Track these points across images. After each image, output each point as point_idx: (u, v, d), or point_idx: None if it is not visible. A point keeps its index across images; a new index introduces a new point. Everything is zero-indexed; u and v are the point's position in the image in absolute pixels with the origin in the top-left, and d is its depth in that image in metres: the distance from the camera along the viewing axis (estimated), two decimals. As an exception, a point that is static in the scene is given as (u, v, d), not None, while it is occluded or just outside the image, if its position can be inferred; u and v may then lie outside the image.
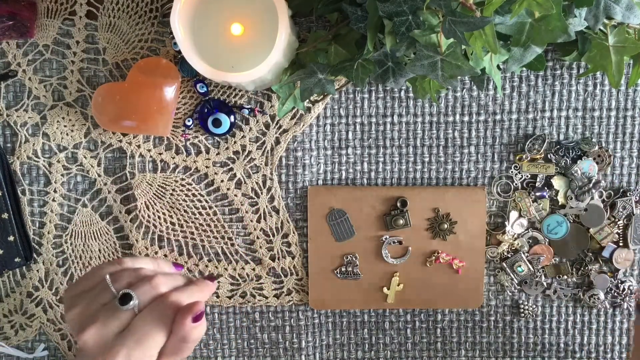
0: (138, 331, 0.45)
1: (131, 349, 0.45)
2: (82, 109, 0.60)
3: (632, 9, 0.44)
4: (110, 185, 0.61)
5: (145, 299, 0.46)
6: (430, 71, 0.43)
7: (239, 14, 0.52)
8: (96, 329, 0.45)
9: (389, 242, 0.60)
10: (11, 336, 0.62)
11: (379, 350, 0.62)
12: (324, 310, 0.62)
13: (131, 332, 0.45)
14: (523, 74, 0.58)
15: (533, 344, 0.62)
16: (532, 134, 0.59)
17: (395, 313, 0.62)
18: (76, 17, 0.59)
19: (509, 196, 0.60)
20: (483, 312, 0.62)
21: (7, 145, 0.60)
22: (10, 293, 0.62)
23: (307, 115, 0.59)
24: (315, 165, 0.60)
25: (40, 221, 0.61)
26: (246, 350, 0.63)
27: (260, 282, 0.62)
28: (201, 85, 0.58)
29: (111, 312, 0.46)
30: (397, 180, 0.60)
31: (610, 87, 0.58)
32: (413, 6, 0.42)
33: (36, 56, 0.59)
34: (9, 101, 0.60)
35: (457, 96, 0.59)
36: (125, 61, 0.59)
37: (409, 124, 0.59)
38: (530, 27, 0.43)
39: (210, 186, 0.61)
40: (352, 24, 0.47)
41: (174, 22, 0.49)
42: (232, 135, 0.60)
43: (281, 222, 0.61)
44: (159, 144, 0.60)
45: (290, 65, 0.53)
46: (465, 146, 0.59)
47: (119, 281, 0.47)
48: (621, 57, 0.48)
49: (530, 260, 0.60)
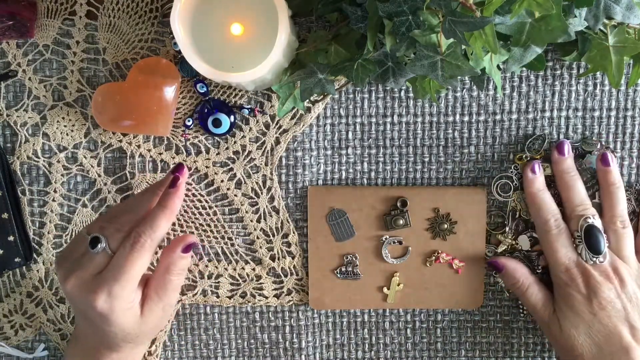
0: (113, 268, 0.50)
1: (110, 286, 0.49)
2: (82, 109, 0.60)
3: (632, 9, 0.44)
4: (110, 185, 0.61)
5: (116, 239, 0.51)
6: (430, 71, 0.43)
7: (239, 14, 0.52)
8: (75, 275, 0.50)
9: (389, 242, 0.60)
10: (11, 336, 0.62)
11: (379, 350, 0.62)
12: (324, 310, 0.62)
13: (108, 270, 0.50)
14: (523, 74, 0.58)
15: (533, 344, 0.62)
16: (532, 134, 0.59)
17: (395, 313, 0.62)
18: (76, 17, 0.59)
19: (509, 196, 0.60)
20: (483, 312, 0.62)
21: (7, 145, 0.60)
22: (10, 293, 0.62)
23: (307, 115, 0.59)
24: (315, 165, 0.60)
25: (40, 221, 0.61)
26: (246, 350, 0.63)
27: (260, 282, 0.62)
28: (201, 85, 0.58)
29: (87, 257, 0.50)
30: (397, 180, 0.60)
31: (610, 87, 0.58)
32: (413, 6, 0.42)
33: (36, 56, 0.59)
34: (9, 101, 0.60)
35: (457, 96, 0.59)
36: (125, 61, 0.59)
37: (409, 124, 0.59)
38: (530, 27, 0.43)
39: (210, 186, 0.61)
40: (352, 24, 0.47)
41: (174, 22, 0.49)
42: (232, 135, 0.60)
43: (281, 222, 0.61)
44: (159, 144, 0.60)
45: (290, 65, 0.53)
46: (465, 146, 0.59)
47: (92, 230, 0.51)
48: (621, 57, 0.48)
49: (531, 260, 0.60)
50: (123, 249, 0.50)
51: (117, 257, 0.50)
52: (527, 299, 0.57)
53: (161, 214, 0.51)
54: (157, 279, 0.53)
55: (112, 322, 0.50)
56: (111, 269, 0.50)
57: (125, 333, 0.52)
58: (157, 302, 0.52)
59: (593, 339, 0.53)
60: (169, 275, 0.53)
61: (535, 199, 0.57)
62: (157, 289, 0.53)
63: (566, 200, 0.57)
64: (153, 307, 0.52)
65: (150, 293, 0.52)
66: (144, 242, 0.50)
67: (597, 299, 0.53)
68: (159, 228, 0.51)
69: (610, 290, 0.53)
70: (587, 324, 0.53)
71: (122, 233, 0.51)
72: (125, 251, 0.50)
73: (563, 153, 0.57)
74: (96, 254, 0.50)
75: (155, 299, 0.52)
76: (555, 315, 0.55)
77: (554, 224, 0.56)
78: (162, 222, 0.51)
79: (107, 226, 0.51)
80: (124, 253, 0.50)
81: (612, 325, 0.53)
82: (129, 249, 0.50)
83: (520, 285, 0.57)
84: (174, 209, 0.52)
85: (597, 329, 0.53)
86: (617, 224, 0.56)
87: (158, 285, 0.53)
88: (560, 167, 0.57)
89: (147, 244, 0.50)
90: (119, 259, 0.50)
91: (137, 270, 0.50)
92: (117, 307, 0.49)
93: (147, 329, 0.53)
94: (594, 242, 0.54)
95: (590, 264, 0.54)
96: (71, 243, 0.53)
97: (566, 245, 0.55)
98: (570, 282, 0.54)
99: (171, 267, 0.52)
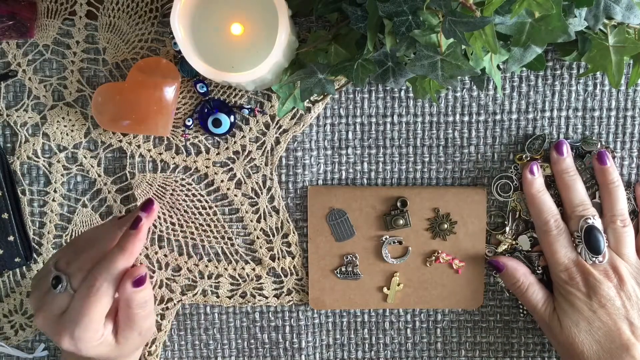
0: (73, 311, 0.48)
1: (72, 329, 0.48)
2: (82, 109, 0.60)
3: (632, 9, 0.44)
4: (110, 185, 0.61)
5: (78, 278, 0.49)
6: (430, 71, 0.43)
7: (239, 14, 0.52)
8: (42, 314, 0.49)
9: (389, 242, 0.60)
10: (11, 336, 0.62)
11: (379, 350, 0.62)
12: (324, 310, 0.62)
13: (68, 312, 0.48)
14: (523, 74, 0.58)
15: (533, 344, 0.62)
16: (532, 134, 0.59)
17: (395, 313, 0.62)
18: (76, 17, 0.59)
19: (509, 196, 0.60)
20: (483, 312, 0.62)
21: (7, 145, 0.60)
22: (10, 293, 0.62)
23: (307, 115, 0.59)
24: (315, 165, 0.60)
25: (40, 221, 0.61)
26: (246, 350, 0.63)
27: (260, 282, 0.62)
28: (201, 85, 0.58)
29: (50, 296, 0.49)
30: (397, 180, 0.60)
31: (610, 87, 0.58)
32: (413, 6, 0.42)
33: (36, 56, 0.59)
34: (9, 101, 0.60)
35: (457, 96, 0.59)
36: (125, 61, 0.59)
37: (409, 124, 0.59)
38: (530, 27, 0.43)
39: (210, 186, 0.61)
40: (352, 24, 0.47)
41: (174, 22, 0.49)
42: (232, 135, 0.60)
43: (281, 222, 0.61)
44: (159, 144, 0.60)
45: (290, 65, 0.53)
46: (465, 146, 0.59)
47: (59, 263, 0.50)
48: (621, 57, 0.48)
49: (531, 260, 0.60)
50: (81, 292, 0.48)
51: (76, 299, 0.48)
52: (527, 298, 0.57)
53: (119, 256, 0.49)
54: (122, 313, 0.51)
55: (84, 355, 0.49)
56: (72, 312, 0.48)
57: (105, 357, 0.51)
58: (131, 332, 0.51)
59: (593, 336, 0.53)
60: (131, 310, 0.50)
61: (535, 200, 0.57)
62: (127, 321, 0.51)
63: (566, 201, 0.57)
64: (127, 335, 0.51)
65: (121, 324, 0.51)
66: (100, 286, 0.48)
67: (597, 297, 0.53)
68: (116, 270, 0.49)
69: (610, 288, 0.54)
70: (587, 321, 0.53)
71: (84, 272, 0.49)
72: (82, 294, 0.48)
73: (562, 153, 0.57)
74: (58, 293, 0.49)
75: (127, 330, 0.51)
76: (555, 314, 0.55)
77: (554, 224, 0.56)
78: (120, 264, 0.49)
79: (71, 262, 0.50)
80: (82, 296, 0.48)
81: (612, 322, 0.53)
82: (86, 292, 0.48)
83: (521, 285, 0.57)
84: (134, 252, 0.50)
85: (597, 327, 0.53)
86: (617, 223, 0.56)
87: (127, 318, 0.51)
88: (560, 168, 0.57)
89: (104, 288, 0.48)
90: (78, 302, 0.48)
91: (98, 313, 0.48)
92: (83, 347, 0.48)
93: (127, 351, 0.52)
94: (594, 243, 0.54)
95: (590, 263, 0.55)
96: (39, 273, 0.52)
97: (566, 246, 0.55)
98: (570, 281, 0.54)
99: (130, 302, 0.50)
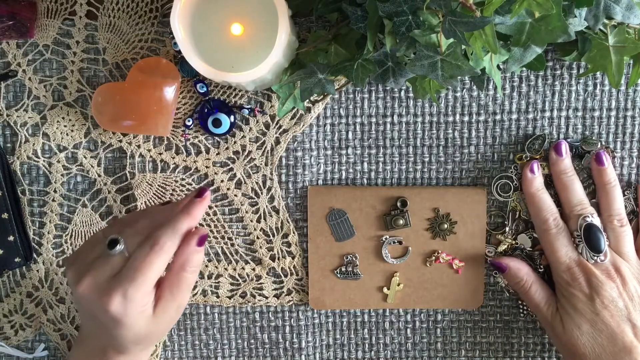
0: (130, 270, 0.48)
1: (126, 288, 0.48)
2: (82, 109, 0.60)
3: (632, 9, 0.44)
4: (110, 185, 0.61)
5: (134, 242, 0.49)
6: (430, 71, 0.43)
7: (239, 14, 0.52)
8: (90, 277, 0.49)
9: (389, 242, 0.60)
10: (11, 336, 0.62)
11: (379, 350, 0.62)
12: (324, 310, 0.62)
13: (124, 272, 0.48)
14: (523, 74, 0.58)
15: (533, 344, 0.62)
16: (532, 134, 0.59)
17: (395, 313, 0.62)
18: (76, 17, 0.59)
19: (509, 196, 0.60)
20: (483, 312, 0.62)
21: (7, 145, 0.60)
22: (10, 293, 0.62)
23: (307, 115, 0.59)
24: (315, 165, 0.60)
25: (40, 221, 0.61)
26: (246, 350, 0.63)
27: (260, 282, 0.62)
28: (201, 85, 0.58)
29: (102, 259, 0.49)
30: (397, 180, 0.60)
31: (610, 87, 0.58)
32: (413, 6, 0.42)
33: (36, 56, 0.59)
34: (9, 101, 0.60)
35: (457, 96, 0.59)
36: (125, 61, 0.59)
37: (409, 124, 0.59)
38: (530, 27, 0.43)
39: (210, 186, 0.60)
40: (352, 24, 0.47)
41: (174, 22, 0.49)
42: (232, 135, 0.60)
43: (281, 222, 0.61)
44: (159, 144, 0.60)
45: (290, 65, 0.53)
46: (465, 146, 0.59)
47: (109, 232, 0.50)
48: (621, 57, 0.48)
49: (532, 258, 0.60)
50: (141, 251, 0.49)
51: (135, 258, 0.48)
52: (530, 297, 0.57)
53: (185, 219, 0.50)
54: (172, 277, 0.51)
55: (123, 324, 0.49)
56: (128, 271, 0.48)
57: (136, 336, 0.50)
58: (172, 302, 0.51)
59: (596, 338, 0.53)
60: (184, 272, 0.51)
61: (534, 199, 0.57)
62: (172, 287, 0.51)
63: (564, 201, 0.57)
64: (167, 307, 0.51)
65: (164, 293, 0.51)
66: (164, 243, 0.48)
67: (600, 298, 0.53)
68: (181, 230, 0.50)
69: (612, 289, 0.53)
70: (589, 324, 0.53)
71: (140, 236, 0.50)
72: (143, 252, 0.48)
73: (561, 154, 0.57)
74: (113, 255, 0.49)
75: (169, 299, 0.51)
76: (558, 314, 0.55)
77: (553, 223, 0.56)
78: (184, 227, 0.50)
79: (124, 230, 0.50)
80: (142, 254, 0.48)
81: (615, 324, 0.53)
82: (148, 250, 0.48)
83: (524, 284, 0.57)
84: (197, 217, 0.51)
85: (599, 328, 0.53)
86: (615, 223, 0.56)
87: (172, 284, 0.51)
88: (558, 168, 0.57)
89: (167, 246, 0.49)
90: (136, 261, 0.48)
91: (155, 272, 0.49)
92: (130, 310, 0.48)
93: (158, 330, 0.52)
94: (594, 241, 0.54)
95: (592, 262, 0.55)
96: (85, 244, 0.52)
97: (566, 245, 0.55)
98: (573, 282, 0.54)
99: (186, 263, 0.51)
